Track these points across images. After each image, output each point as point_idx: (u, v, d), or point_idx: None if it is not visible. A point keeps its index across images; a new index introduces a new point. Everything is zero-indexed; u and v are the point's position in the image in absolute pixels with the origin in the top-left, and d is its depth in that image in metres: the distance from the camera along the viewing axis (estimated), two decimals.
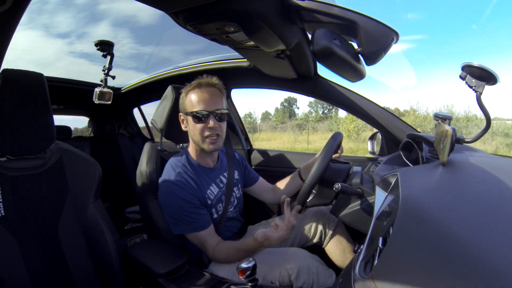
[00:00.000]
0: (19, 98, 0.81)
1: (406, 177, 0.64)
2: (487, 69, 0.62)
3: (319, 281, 0.87)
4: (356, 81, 0.92)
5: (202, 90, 0.94)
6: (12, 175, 0.82)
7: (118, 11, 3.12)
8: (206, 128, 0.94)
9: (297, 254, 0.93)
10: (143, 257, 0.92)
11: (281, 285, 0.88)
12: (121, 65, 1.75)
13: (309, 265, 0.88)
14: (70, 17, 3.10)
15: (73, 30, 2.95)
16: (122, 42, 4.37)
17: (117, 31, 3.72)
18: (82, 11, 3.19)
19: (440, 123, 0.71)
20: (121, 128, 2.64)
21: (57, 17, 2.90)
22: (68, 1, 2.92)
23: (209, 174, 1.04)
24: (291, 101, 22.80)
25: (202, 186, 1.00)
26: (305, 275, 0.87)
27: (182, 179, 0.94)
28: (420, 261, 0.34)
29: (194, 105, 0.93)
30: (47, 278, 0.84)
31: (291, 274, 0.87)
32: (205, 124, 0.94)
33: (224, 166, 1.12)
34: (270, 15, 0.75)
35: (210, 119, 0.93)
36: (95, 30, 3.56)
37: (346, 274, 0.57)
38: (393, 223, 0.45)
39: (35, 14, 2.34)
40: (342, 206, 0.95)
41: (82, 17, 3.29)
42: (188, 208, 0.93)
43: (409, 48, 23.86)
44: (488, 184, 0.49)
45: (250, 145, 1.85)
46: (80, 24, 3.26)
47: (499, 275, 0.25)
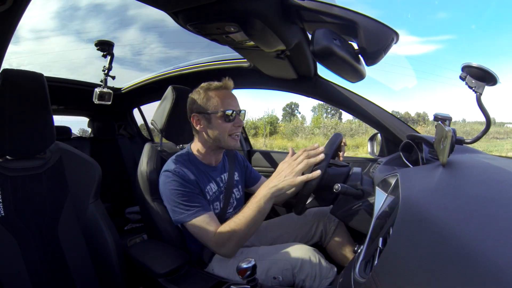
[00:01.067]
0: (19, 98, 0.81)
1: (406, 178, 0.64)
2: (487, 70, 0.61)
3: (322, 274, 0.88)
4: (356, 82, 0.92)
5: (226, 91, 0.99)
6: (12, 175, 0.82)
7: (146, 16, 3.19)
8: (232, 126, 0.98)
9: (298, 248, 0.93)
10: (143, 257, 0.92)
11: (284, 279, 0.88)
12: (149, 69, 1.78)
13: (311, 257, 0.89)
14: (101, 22, 3.19)
15: (104, 35, 3.04)
16: (151, 46, 4.45)
17: (146, 36, 3.80)
18: (112, 16, 3.29)
19: (440, 124, 0.71)
20: (121, 129, 2.64)
21: (88, 23, 2.99)
22: (98, 8, 3.02)
23: (210, 171, 1.05)
24: (293, 106, 22.85)
25: (201, 180, 1.00)
26: (308, 268, 0.87)
27: (181, 170, 0.95)
28: (420, 262, 0.34)
29: (223, 105, 0.96)
30: (47, 278, 0.84)
31: (294, 268, 0.87)
32: (233, 123, 0.98)
33: (226, 166, 1.13)
34: (270, 15, 0.75)
35: (238, 117, 0.99)
36: (124, 34, 3.66)
37: (346, 274, 0.57)
38: (393, 224, 0.45)
39: (67, 20, 2.42)
40: (342, 206, 0.95)
41: (112, 23, 3.38)
42: (187, 193, 0.92)
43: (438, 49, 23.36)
44: (488, 185, 0.49)
45: (250, 146, 1.85)
46: (110, 29, 3.35)
47: (499, 276, 0.25)
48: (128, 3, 0.73)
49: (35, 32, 3.16)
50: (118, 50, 1.66)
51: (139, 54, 3.90)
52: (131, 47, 4.02)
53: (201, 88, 1.00)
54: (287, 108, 22.87)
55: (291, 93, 1.50)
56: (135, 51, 3.72)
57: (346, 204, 0.94)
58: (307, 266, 0.87)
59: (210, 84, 0.99)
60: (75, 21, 2.72)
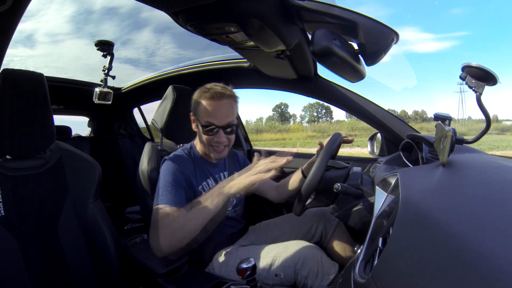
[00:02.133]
0: (19, 98, 0.81)
1: (406, 177, 0.64)
2: (487, 70, 0.61)
3: (324, 270, 0.87)
4: (356, 82, 0.91)
5: (216, 101, 0.93)
6: (12, 175, 0.82)
7: (160, 17, 3.23)
8: (214, 140, 0.95)
9: (300, 245, 0.93)
10: (143, 257, 0.92)
11: (285, 277, 0.88)
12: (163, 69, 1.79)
13: (313, 253, 0.89)
14: (115, 25, 3.23)
15: (118, 37, 3.09)
16: (164, 47, 4.50)
17: (160, 37, 3.84)
18: (125, 19, 3.32)
19: (440, 124, 0.71)
20: (121, 128, 2.64)
21: (102, 25, 3.03)
22: (112, 11, 3.05)
23: (209, 167, 1.05)
24: (282, 106, 22.93)
25: (199, 175, 1.01)
26: (310, 264, 0.87)
27: (178, 159, 0.96)
28: (420, 261, 0.34)
29: (206, 116, 0.93)
30: (47, 278, 0.84)
31: (296, 264, 0.87)
32: (214, 137, 0.95)
33: (226, 165, 1.13)
34: (270, 15, 0.75)
35: (220, 133, 0.94)
36: (138, 36, 3.69)
37: (346, 274, 0.57)
38: (393, 223, 0.45)
39: (82, 24, 2.46)
40: (342, 206, 0.95)
41: (125, 25, 3.42)
42: (170, 182, 0.88)
43: (454, 45, 21.95)
44: (488, 184, 0.49)
45: (250, 146, 1.85)
46: (124, 31, 3.40)
47: (499, 275, 0.25)
48: (141, 5, 0.73)
49: (50, 36, 3.21)
50: (132, 52, 1.66)
51: (153, 55, 3.96)
52: (144, 49, 4.04)
53: (201, 90, 0.97)
54: (277, 108, 22.93)
55: (284, 93, 1.50)
56: (148, 52, 3.77)
57: (346, 204, 0.94)
58: (309, 262, 0.87)
59: (209, 89, 0.95)
60: (89, 24, 2.78)
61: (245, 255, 0.95)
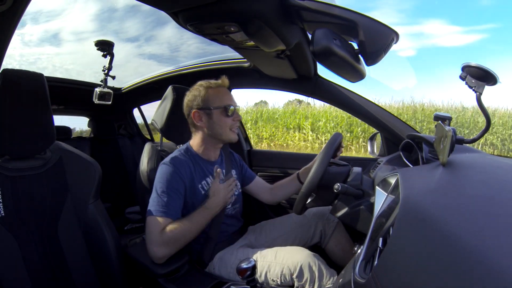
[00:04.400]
0: (19, 98, 0.81)
1: (406, 177, 0.64)
2: (486, 69, 0.61)
3: (321, 279, 0.87)
4: (356, 82, 0.92)
5: (224, 88, 1.07)
6: (12, 175, 0.82)
7: None
8: (232, 120, 1.05)
9: (298, 252, 0.93)
10: (143, 257, 0.92)
11: (282, 283, 0.88)
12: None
13: (310, 262, 0.88)
14: (138, 22, 3.28)
15: (141, 34, 3.14)
16: (188, 42, 4.51)
17: (183, 33, 3.89)
18: (148, 16, 3.38)
19: (440, 124, 0.71)
20: (121, 128, 2.64)
21: (126, 23, 3.08)
22: (135, 8, 3.09)
23: (208, 166, 1.06)
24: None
25: (198, 174, 1.01)
26: (307, 272, 0.86)
27: (176, 162, 0.97)
28: (420, 261, 0.34)
29: (224, 100, 1.03)
30: (47, 277, 0.84)
31: (292, 272, 0.87)
32: (233, 117, 1.04)
33: (224, 163, 1.13)
34: (270, 15, 0.75)
35: (236, 112, 1.06)
36: (161, 32, 3.73)
37: (346, 274, 0.57)
38: (393, 224, 0.45)
39: (106, 22, 2.48)
40: (342, 206, 0.95)
41: (149, 22, 3.47)
42: (164, 191, 0.92)
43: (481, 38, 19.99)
44: (489, 184, 0.49)
45: (250, 146, 1.85)
46: (148, 28, 3.44)
47: (499, 275, 0.25)
48: None
49: (75, 34, 3.28)
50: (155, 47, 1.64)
51: (177, 51, 3.99)
52: (168, 45, 4.04)
53: (200, 86, 1.04)
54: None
55: (264, 90, 1.50)
56: (172, 48, 3.80)
57: (346, 204, 0.94)
58: (306, 270, 0.86)
59: (210, 82, 1.04)
60: (113, 22, 2.80)
61: (245, 255, 0.95)
